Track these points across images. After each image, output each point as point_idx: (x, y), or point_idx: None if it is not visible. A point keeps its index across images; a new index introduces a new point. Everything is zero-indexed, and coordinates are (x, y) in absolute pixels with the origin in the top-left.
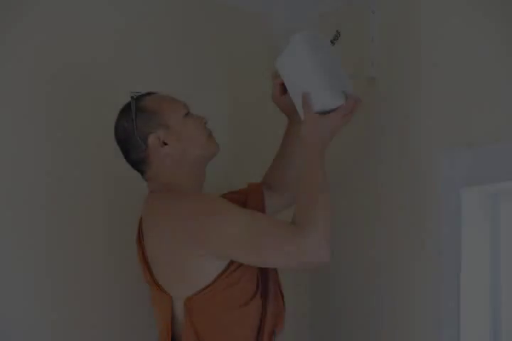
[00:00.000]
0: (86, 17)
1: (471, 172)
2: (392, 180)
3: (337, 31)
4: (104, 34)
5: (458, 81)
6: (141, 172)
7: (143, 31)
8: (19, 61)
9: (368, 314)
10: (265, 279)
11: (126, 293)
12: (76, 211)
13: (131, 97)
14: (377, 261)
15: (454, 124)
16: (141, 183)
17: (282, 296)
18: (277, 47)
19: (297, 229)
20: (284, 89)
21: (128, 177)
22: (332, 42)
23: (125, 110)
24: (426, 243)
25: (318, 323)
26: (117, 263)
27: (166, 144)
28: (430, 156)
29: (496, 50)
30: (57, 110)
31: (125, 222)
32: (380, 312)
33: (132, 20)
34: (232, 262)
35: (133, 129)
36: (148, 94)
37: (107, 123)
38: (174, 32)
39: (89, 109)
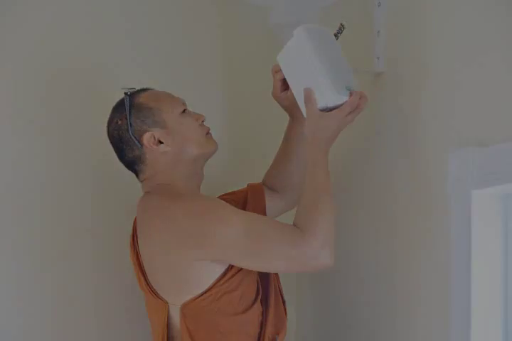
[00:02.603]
0: (82, 13)
1: (482, 172)
2: (401, 181)
3: (341, 24)
4: (100, 30)
5: (468, 77)
6: (136, 172)
7: (140, 26)
8: (11, 60)
9: (373, 315)
10: (266, 285)
11: (122, 295)
12: (70, 212)
13: (125, 93)
14: (385, 262)
15: (465, 123)
16: (137, 184)
17: (284, 302)
18: (278, 41)
19: (298, 232)
20: (285, 85)
21: (123, 177)
22: (336, 35)
23: (118, 107)
24: (436, 244)
25: (320, 326)
26: (113, 265)
27: (161, 143)
28: (440, 156)
29: (508, 45)
30: (51, 109)
31: (120, 224)
32: (385, 314)
33: (129, 14)
34: (230, 267)
35: (127, 127)
36: (143, 90)
37: (103, 121)
38: (172, 26)
39: (86, 107)
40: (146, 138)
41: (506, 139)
